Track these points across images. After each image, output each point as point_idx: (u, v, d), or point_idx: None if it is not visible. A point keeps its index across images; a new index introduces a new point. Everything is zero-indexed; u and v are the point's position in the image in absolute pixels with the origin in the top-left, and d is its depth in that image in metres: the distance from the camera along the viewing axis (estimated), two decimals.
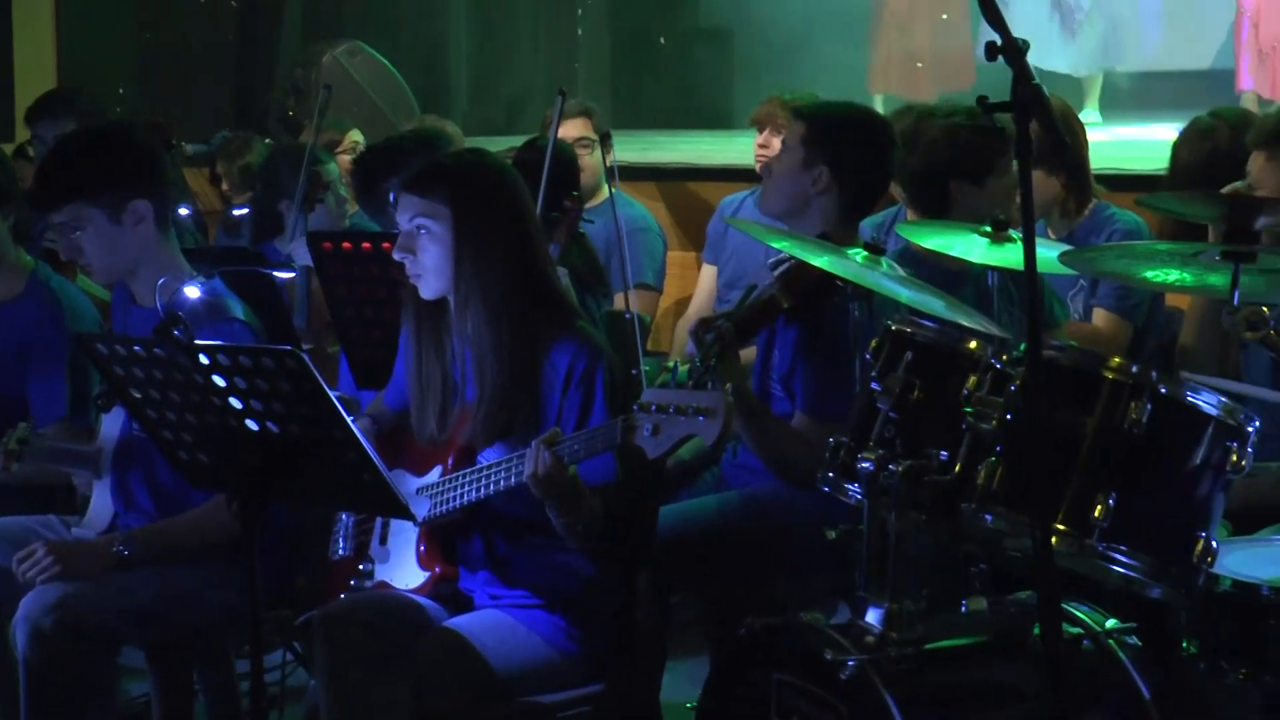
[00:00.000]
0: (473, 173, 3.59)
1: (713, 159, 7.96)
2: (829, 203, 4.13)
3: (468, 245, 3.49)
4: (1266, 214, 2.98)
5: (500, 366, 3.49)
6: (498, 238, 3.51)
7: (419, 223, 3.51)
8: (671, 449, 3.17)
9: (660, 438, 3.15)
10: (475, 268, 3.49)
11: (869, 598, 3.15)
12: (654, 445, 3.16)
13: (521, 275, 3.53)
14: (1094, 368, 3.00)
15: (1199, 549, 2.98)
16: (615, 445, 3.24)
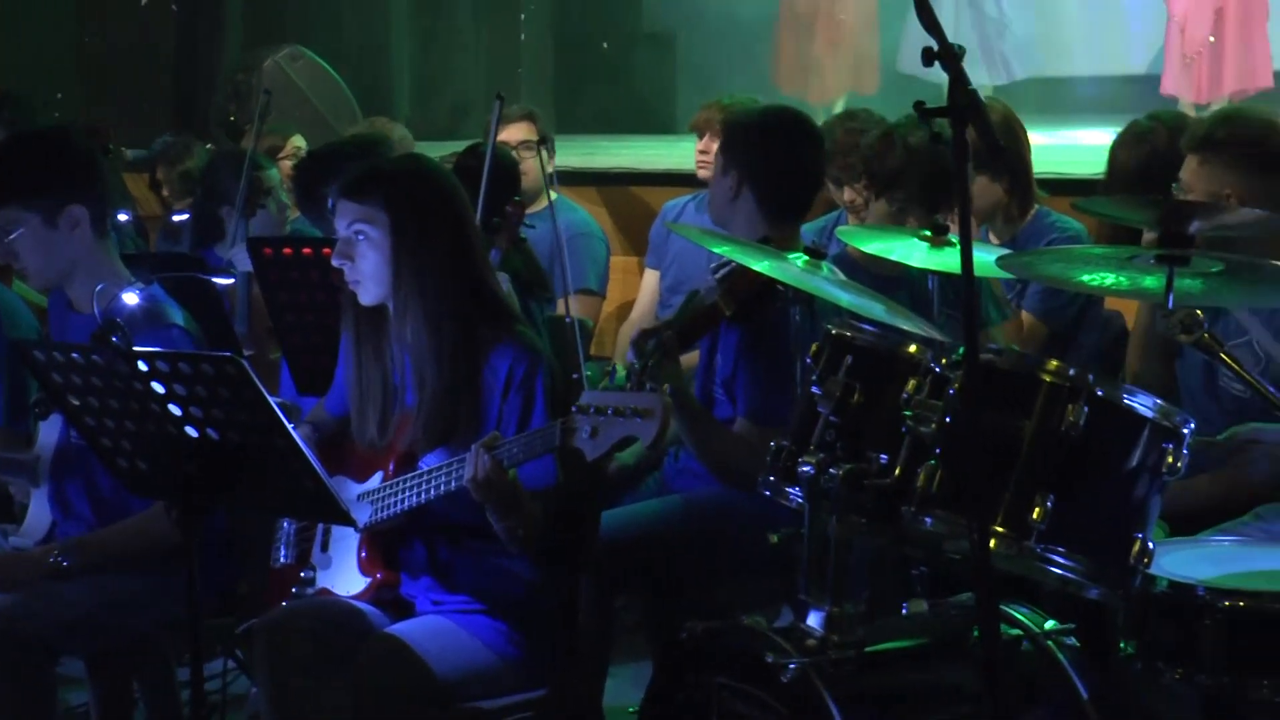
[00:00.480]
0: (409, 178, 3.59)
1: (656, 164, 7.97)
2: (749, 208, 4.17)
3: (405, 251, 3.48)
4: (1200, 218, 3.00)
5: (440, 372, 3.48)
6: (435, 243, 3.50)
7: (357, 229, 3.50)
8: (610, 450, 3.18)
9: (599, 439, 3.16)
10: (413, 273, 3.48)
11: (810, 601, 3.17)
12: (592, 447, 3.17)
13: (460, 280, 3.52)
14: (1031, 371, 3.02)
15: (1136, 550, 2.99)
16: (554, 448, 3.24)
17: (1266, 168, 3.98)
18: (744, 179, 4.18)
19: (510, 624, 3.54)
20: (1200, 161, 3.96)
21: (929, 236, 3.90)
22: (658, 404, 3.14)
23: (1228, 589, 3.06)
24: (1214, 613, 3.04)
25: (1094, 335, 4.82)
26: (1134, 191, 4.62)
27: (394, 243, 3.48)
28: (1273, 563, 2.89)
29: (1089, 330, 4.81)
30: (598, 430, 3.16)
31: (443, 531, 3.56)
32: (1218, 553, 3.32)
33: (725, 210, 4.24)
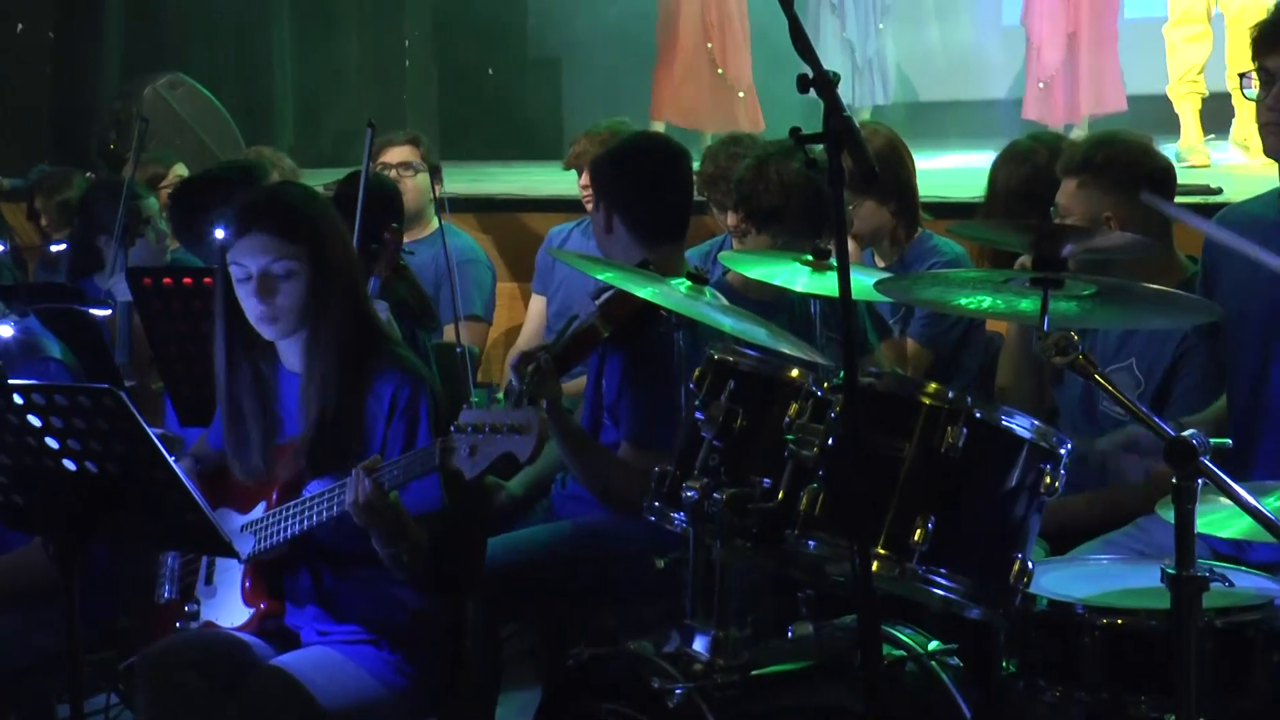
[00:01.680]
0: (321, 209, 3.60)
1: (541, 190, 7.96)
2: (624, 238, 4.20)
3: (325, 282, 3.48)
4: (1074, 241, 3.05)
5: (332, 399, 3.47)
6: (344, 272, 3.53)
7: (281, 265, 3.46)
8: (488, 468, 3.19)
9: (477, 458, 3.17)
10: (330, 305, 3.49)
11: (696, 625, 3.18)
12: (471, 465, 3.18)
13: (354, 308, 3.53)
14: (911, 393, 3.06)
15: (1016, 570, 3.03)
16: (434, 468, 3.24)
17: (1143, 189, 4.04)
18: (612, 210, 4.22)
19: (397, 653, 3.53)
20: (1079, 185, 4.02)
21: (811, 261, 3.93)
22: (533, 419, 3.16)
23: (1105, 607, 3.11)
24: (1092, 630, 3.08)
25: (975, 357, 4.87)
26: (1015, 211, 4.67)
27: (315, 276, 3.47)
28: (1149, 580, 2.93)
29: (971, 352, 4.86)
30: (476, 448, 3.17)
31: (328, 560, 3.54)
32: (1096, 571, 3.37)
33: (605, 242, 4.29)
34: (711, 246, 5.50)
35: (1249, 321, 3.54)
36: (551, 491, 4.50)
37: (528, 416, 3.17)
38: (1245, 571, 3.25)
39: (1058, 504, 3.41)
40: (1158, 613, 3.00)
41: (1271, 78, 3.46)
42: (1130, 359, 4.07)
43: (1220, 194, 6.26)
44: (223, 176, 5.12)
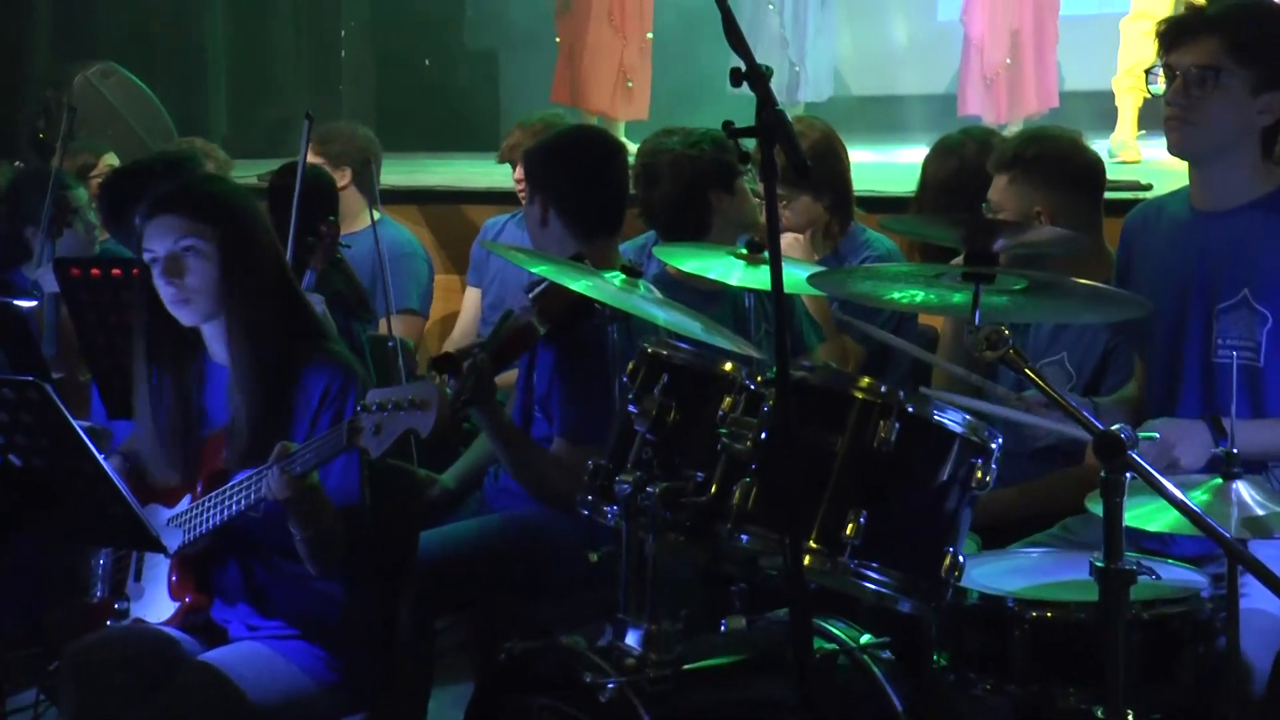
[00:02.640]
0: (230, 191, 3.60)
1: (478, 182, 7.94)
2: (559, 231, 4.19)
3: (236, 265, 3.46)
4: (1004, 236, 3.06)
5: (259, 390, 3.45)
6: (261, 256, 3.50)
7: (186, 244, 3.45)
8: (394, 445, 3.18)
9: (382, 435, 3.17)
10: (244, 288, 3.47)
11: (628, 619, 3.17)
12: (377, 444, 3.18)
13: (280, 296, 3.51)
14: (844, 387, 3.06)
15: (947, 563, 3.04)
16: (342, 448, 3.23)
17: (1074, 184, 4.08)
18: (548, 203, 4.21)
19: (327, 648, 3.51)
20: (1010, 180, 4.05)
21: (745, 255, 3.93)
22: (433, 393, 3.16)
23: (1035, 600, 3.14)
24: (1022, 624, 3.11)
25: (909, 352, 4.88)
26: (944, 204, 4.70)
27: (225, 257, 3.45)
28: (1078, 572, 2.95)
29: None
30: (381, 426, 3.17)
31: (258, 555, 3.52)
32: (1026, 564, 3.39)
33: (539, 237, 4.27)
34: (646, 240, 5.49)
35: (1161, 315, 3.57)
36: (484, 484, 4.48)
37: (428, 391, 3.17)
38: (1171, 564, 3.28)
39: (990, 498, 3.44)
40: (1086, 605, 3.03)
41: (1174, 74, 3.49)
42: (1062, 353, 4.10)
43: (1150, 190, 6.31)
44: (153, 167, 5.07)
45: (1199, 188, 3.59)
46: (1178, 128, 3.50)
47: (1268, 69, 3.47)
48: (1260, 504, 2.98)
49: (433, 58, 11.08)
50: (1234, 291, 3.50)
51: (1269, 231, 3.48)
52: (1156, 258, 3.65)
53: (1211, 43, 3.46)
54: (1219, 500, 2.99)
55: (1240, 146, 3.50)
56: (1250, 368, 3.46)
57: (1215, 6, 3.52)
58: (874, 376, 3.13)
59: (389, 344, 5.17)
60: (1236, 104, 3.46)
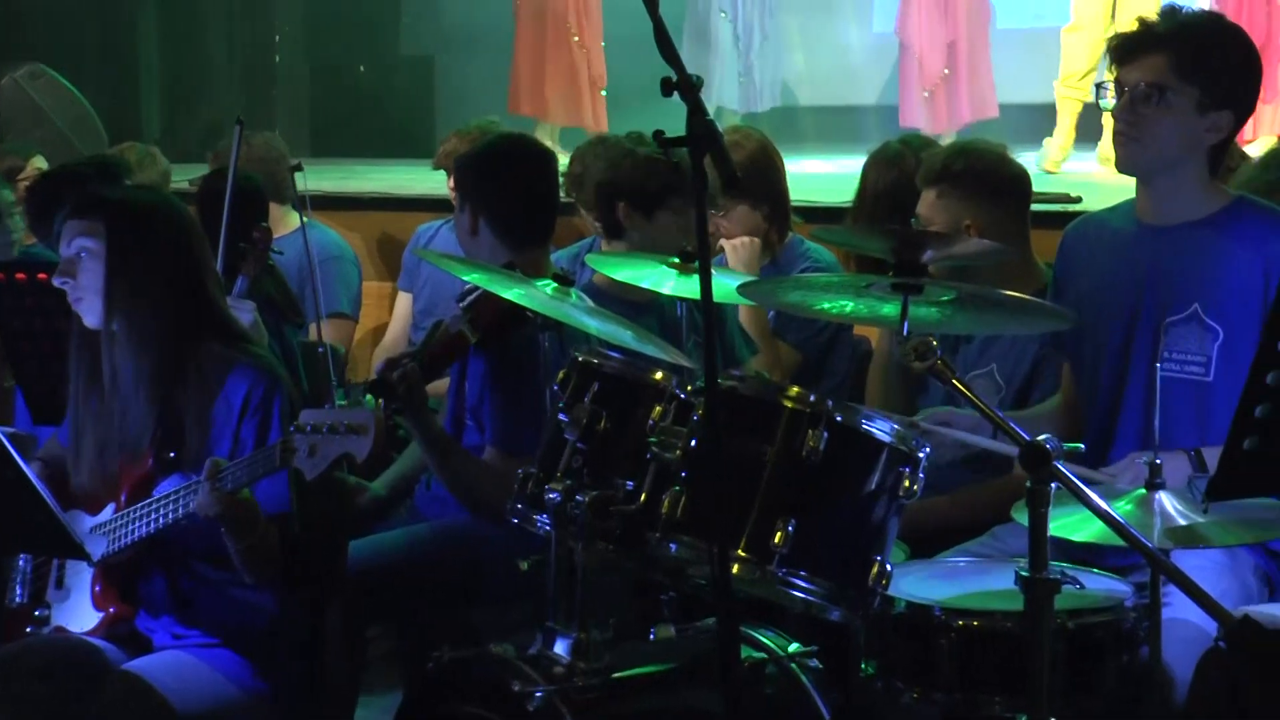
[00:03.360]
0: (130, 196, 3.61)
1: (413, 189, 7.91)
2: (490, 240, 4.18)
3: (121, 267, 3.45)
4: (932, 248, 3.08)
5: (154, 393, 3.45)
6: (155, 261, 3.48)
7: (79, 244, 3.47)
8: (329, 468, 3.17)
9: (316, 458, 3.16)
10: (128, 292, 3.46)
11: (557, 628, 3.18)
12: (311, 466, 3.17)
13: (183, 302, 3.49)
14: (773, 397, 3.07)
15: (875, 572, 3.06)
16: (275, 468, 3.22)
17: (1001, 197, 4.11)
18: (478, 212, 4.20)
19: (254, 657, 3.49)
20: (938, 194, 4.08)
21: (678, 264, 3.93)
22: (370, 420, 3.16)
23: (962, 609, 3.16)
24: (949, 632, 3.13)
25: (844, 361, 4.91)
26: (883, 213, 4.72)
27: (110, 258, 3.45)
28: (1006, 582, 2.97)
29: (839, 355, 4.90)
30: (315, 448, 3.16)
31: (184, 564, 3.49)
32: (953, 573, 3.41)
33: (469, 245, 4.26)
34: (580, 248, 5.50)
35: (1106, 327, 3.60)
36: (416, 493, 4.47)
37: (365, 416, 3.17)
38: (1096, 573, 3.31)
39: (918, 506, 3.46)
40: (1012, 614, 3.05)
41: (1123, 90, 3.52)
42: (992, 365, 4.13)
43: (1080, 202, 6.37)
44: (80, 171, 5.03)
45: (1147, 202, 3.62)
46: (1125, 144, 3.54)
47: (1215, 88, 3.50)
48: (1183, 514, 3.00)
49: (368, 63, 11.04)
50: (1184, 306, 3.53)
51: (1222, 250, 3.51)
52: (1099, 271, 3.68)
53: (1159, 60, 3.49)
54: (1143, 511, 3.01)
55: (1187, 163, 3.54)
56: (1198, 382, 3.50)
57: (1165, 24, 3.55)
58: (809, 385, 3.14)
59: (319, 350, 5.15)
60: (1183, 122, 3.50)
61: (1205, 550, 3.21)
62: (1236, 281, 3.49)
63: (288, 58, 11.03)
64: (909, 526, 3.50)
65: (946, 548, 3.70)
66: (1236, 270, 3.49)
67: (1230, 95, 3.53)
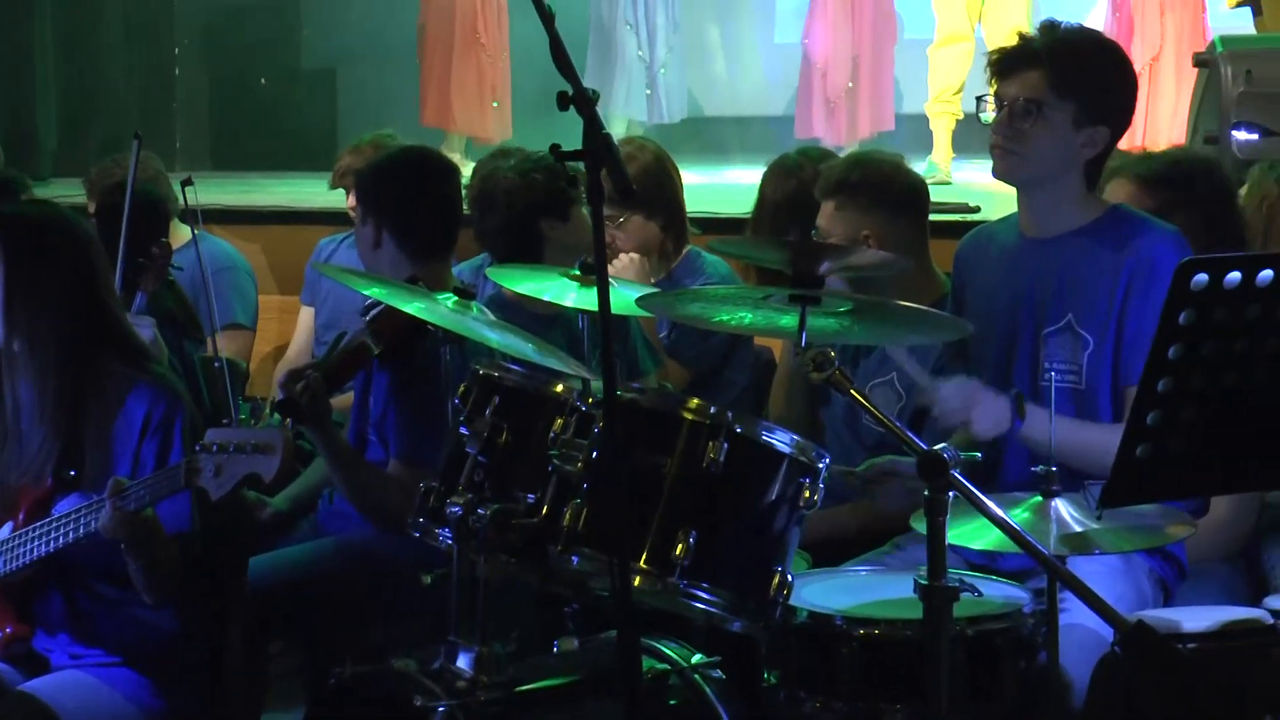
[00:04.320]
0: (27, 211, 3.57)
1: (314, 202, 7.86)
2: (392, 253, 4.17)
3: (19, 285, 3.42)
4: (829, 259, 3.10)
5: (57, 414, 3.41)
6: (54, 277, 3.44)
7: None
8: (235, 488, 3.15)
9: (222, 478, 3.14)
10: (29, 307, 3.42)
11: (459, 642, 3.16)
12: (216, 485, 3.15)
13: (84, 321, 3.46)
14: (674, 409, 3.08)
15: (776, 582, 3.07)
16: (179, 488, 3.20)
17: (898, 207, 4.16)
18: (381, 225, 4.18)
19: (153, 676, 3.46)
20: (836, 206, 4.11)
21: (579, 276, 3.93)
22: (278, 439, 3.14)
23: (863, 618, 3.18)
24: (850, 641, 3.15)
25: (742, 373, 4.92)
26: (781, 224, 4.75)
27: (8, 276, 3.41)
28: (907, 590, 2.99)
29: (736, 367, 4.91)
30: (221, 468, 3.14)
31: (82, 582, 3.46)
32: (854, 582, 3.43)
33: (371, 259, 4.25)
34: (483, 260, 5.48)
35: (992, 339, 3.65)
36: (318, 508, 4.44)
37: (272, 436, 3.15)
38: (995, 580, 3.34)
39: (820, 516, 3.48)
40: (912, 623, 3.07)
41: (1002, 104, 3.57)
42: (892, 374, 4.17)
43: (978, 212, 6.45)
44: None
45: (1027, 215, 3.68)
46: (1002, 156, 3.59)
47: (1090, 103, 3.56)
48: (1078, 521, 3.04)
49: (268, 76, 10.97)
50: (1059, 316, 3.58)
51: (1091, 259, 3.57)
52: (988, 283, 3.73)
53: (1036, 76, 3.54)
54: (1039, 518, 3.05)
55: (1064, 177, 3.59)
56: (1074, 390, 3.55)
57: (1042, 40, 3.60)
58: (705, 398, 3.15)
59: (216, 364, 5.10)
60: (1059, 136, 3.55)
61: (1102, 556, 3.24)
62: (1105, 288, 3.54)
63: (187, 71, 10.93)
64: (811, 536, 3.52)
65: (849, 557, 3.72)
66: (1104, 277, 3.55)
67: (1106, 111, 3.59)
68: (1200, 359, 2.51)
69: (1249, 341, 2.51)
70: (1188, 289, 2.47)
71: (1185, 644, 3.10)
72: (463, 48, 9.16)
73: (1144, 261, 3.50)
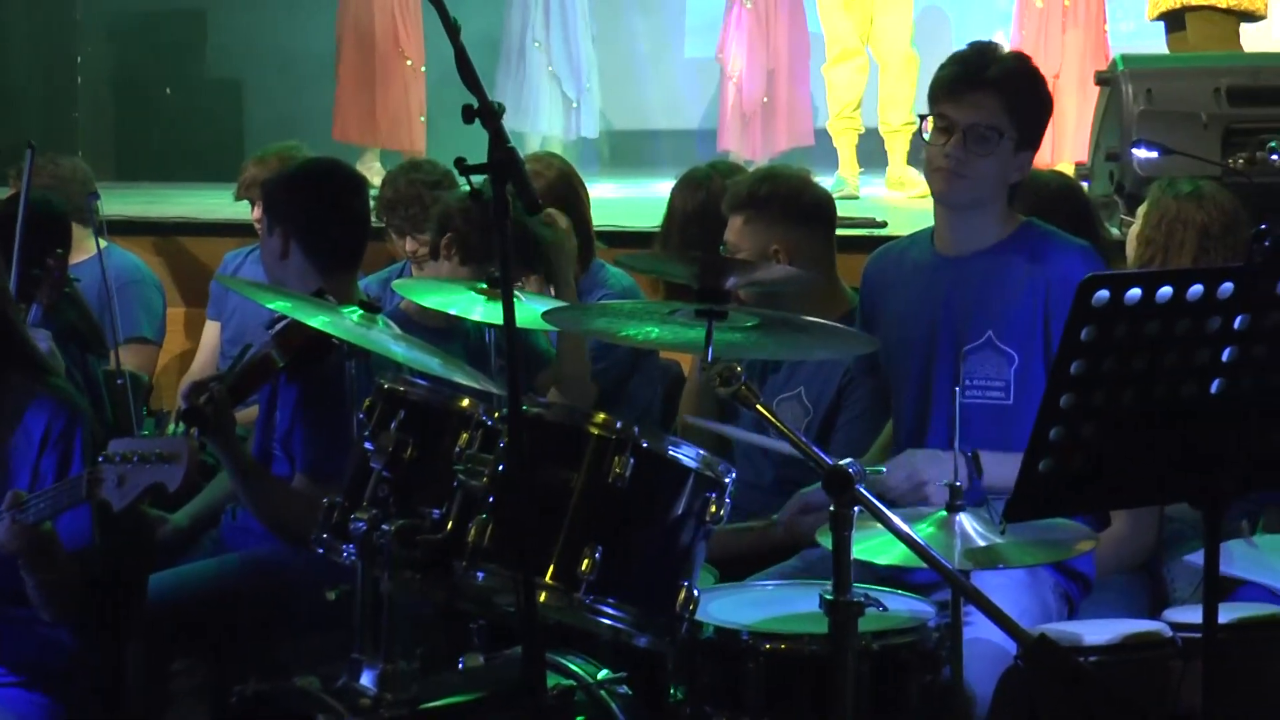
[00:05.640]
0: None
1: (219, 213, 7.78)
2: (300, 264, 4.13)
3: None
4: (735, 274, 3.11)
5: None
6: None
7: None
8: (138, 498, 3.11)
9: (126, 488, 3.10)
10: None
11: (363, 659, 3.14)
12: (120, 496, 3.11)
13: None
14: (579, 424, 3.07)
15: (681, 598, 3.06)
16: (81, 499, 3.16)
17: (805, 222, 4.17)
18: (289, 235, 4.14)
19: (52, 695, 3.42)
20: (745, 220, 4.12)
21: (485, 290, 3.92)
22: (183, 448, 3.11)
23: (768, 632, 3.18)
24: (756, 656, 3.15)
25: (650, 386, 4.92)
26: (691, 237, 4.76)
27: None
28: (813, 604, 2.99)
29: (643, 381, 4.91)
30: (125, 479, 3.10)
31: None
32: (761, 597, 3.43)
33: (278, 270, 4.19)
34: (389, 273, 5.46)
35: (910, 357, 3.66)
36: (221, 523, 4.39)
37: (177, 445, 3.11)
38: (901, 594, 3.35)
39: (727, 530, 3.48)
40: (818, 637, 3.07)
41: (950, 126, 3.58)
42: (799, 388, 4.18)
43: (885, 227, 6.49)
44: None
45: (947, 233, 3.70)
46: (950, 179, 3.59)
47: (1029, 130, 3.62)
48: (982, 535, 3.06)
49: (174, 86, 10.85)
50: (980, 333, 3.61)
51: (1009, 274, 3.60)
52: (901, 301, 3.74)
53: (994, 102, 3.57)
54: (943, 532, 3.06)
55: (997, 199, 3.64)
56: (999, 407, 3.58)
57: (994, 68, 3.62)
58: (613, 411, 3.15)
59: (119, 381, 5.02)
60: (1004, 161, 3.59)
61: (1008, 570, 3.27)
62: (1025, 304, 3.58)
63: (90, 79, 10.79)
64: (718, 551, 3.52)
65: (756, 571, 3.73)
66: (1023, 293, 3.59)
67: (1037, 135, 3.67)
68: (1101, 375, 2.53)
69: (1149, 358, 2.53)
70: (1090, 305, 2.49)
71: (1086, 657, 3.13)
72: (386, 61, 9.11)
73: (1062, 279, 3.54)
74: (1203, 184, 4.57)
